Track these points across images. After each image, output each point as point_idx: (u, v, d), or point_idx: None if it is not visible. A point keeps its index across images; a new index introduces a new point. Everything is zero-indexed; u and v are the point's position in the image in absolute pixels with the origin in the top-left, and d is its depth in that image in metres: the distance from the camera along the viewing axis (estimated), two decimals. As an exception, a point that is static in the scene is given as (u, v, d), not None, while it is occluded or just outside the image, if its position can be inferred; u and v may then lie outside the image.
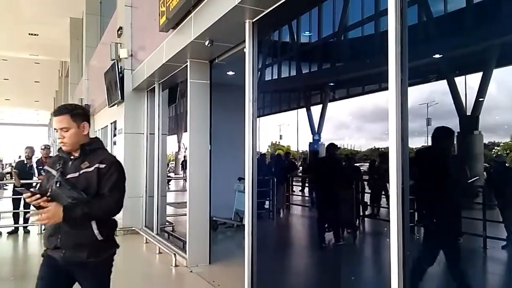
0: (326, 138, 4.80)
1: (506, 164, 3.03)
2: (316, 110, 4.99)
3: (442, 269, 3.56)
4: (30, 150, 8.65)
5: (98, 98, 12.16)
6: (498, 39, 2.83)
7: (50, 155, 8.99)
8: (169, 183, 14.85)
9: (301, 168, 5.48)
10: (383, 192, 3.87)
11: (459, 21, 3.20)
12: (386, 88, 2.53)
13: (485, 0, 3.12)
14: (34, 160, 8.85)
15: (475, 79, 3.03)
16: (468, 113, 2.98)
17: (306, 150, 5.30)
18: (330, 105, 4.93)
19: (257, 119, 4.33)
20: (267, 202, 5.82)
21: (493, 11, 2.83)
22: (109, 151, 2.90)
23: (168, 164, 16.77)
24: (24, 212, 8.36)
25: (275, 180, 5.56)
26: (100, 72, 10.01)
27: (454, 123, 3.16)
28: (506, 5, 2.71)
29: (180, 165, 23.72)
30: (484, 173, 3.20)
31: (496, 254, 3.09)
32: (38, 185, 2.87)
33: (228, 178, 7.56)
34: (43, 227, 8.20)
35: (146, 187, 8.04)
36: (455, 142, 3.25)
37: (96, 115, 15.46)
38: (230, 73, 6.88)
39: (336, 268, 4.37)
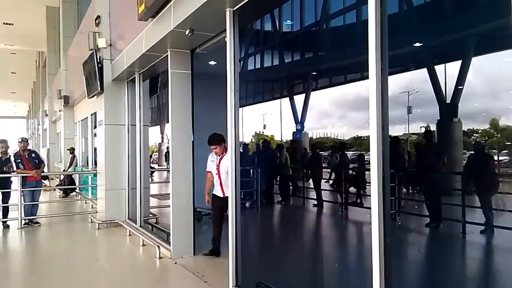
0: (310, 127, 4.82)
1: (485, 151, 3.10)
2: (299, 99, 4.99)
3: (424, 259, 3.63)
4: (5, 145, 8.41)
5: (77, 89, 11.89)
6: (476, 27, 2.86)
7: (29, 147, 8.77)
8: (153, 174, 14.74)
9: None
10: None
11: (439, 10, 3.22)
12: (367, 77, 2.53)
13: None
14: (11, 153, 8.63)
15: (454, 67, 3.07)
16: (448, 101, 3.02)
17: (290, 140, 5.31)
18: (313, 94, 4.93)
19: (240, 109, 4.30)
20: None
21: (472, 0, 2.86)
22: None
23: (151, 156, 16.61)
24: (3, 206, 8.18)
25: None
26: (78, 62, 9.78)
27: (434, 111, 3.20)
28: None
29: (164, 156, 23.55)
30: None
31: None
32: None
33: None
34: (23, 222, 8.06)
35: (128, 179, 7.95)
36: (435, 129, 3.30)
37: (75, 107, 15.16)
38: (212, 62, 6.80)
39: (320, 255, 4.42)
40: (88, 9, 10.67)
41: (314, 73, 4.98)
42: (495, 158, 2.98)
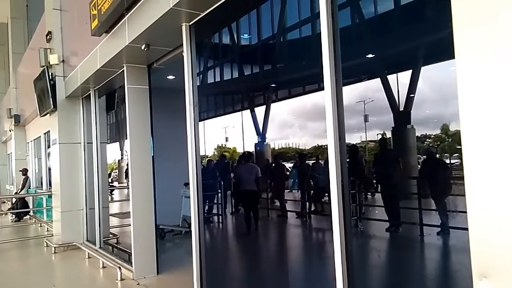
0: (271, 138, 4.86)
1: (437, 155, 3.24)
2: (260, 111, 5.03)
3: (385, 262, 3.71)
4: None
5: (29, 107, 11.37)
6: (424, 38, 3.01)
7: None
8: (113, 192, 14.25)
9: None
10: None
11: (389, 22, 3.37)
12: (324, 88, 2.59)
13: (412, 2, 3.31)
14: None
15: (405, 76, 3.21)
16: (401, 108, 3.15)
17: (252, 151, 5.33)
18: (273, 106, 4.99)
19: (200, 123, 4.26)
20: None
21: (420, 12, 3.00)
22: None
23: (110, 174, 16.09)
24: None
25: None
26: (29, 79, 9.36)
27: (388, 119, 3.32)
28: (431, 6, 2.89)
29: (124, 174, 22.88)
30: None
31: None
32: None
33: (174, 184, 7.39)
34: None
35: (86, 200, 7.62)
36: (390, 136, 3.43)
37: (27, 126, 14.48)
38: (170, 77, 6.72)
39: (286, 265, 4.42)
40: (38, 24, 10.28)
41: (273, 85, 5.05)
42: (447, 161, 3.13)
